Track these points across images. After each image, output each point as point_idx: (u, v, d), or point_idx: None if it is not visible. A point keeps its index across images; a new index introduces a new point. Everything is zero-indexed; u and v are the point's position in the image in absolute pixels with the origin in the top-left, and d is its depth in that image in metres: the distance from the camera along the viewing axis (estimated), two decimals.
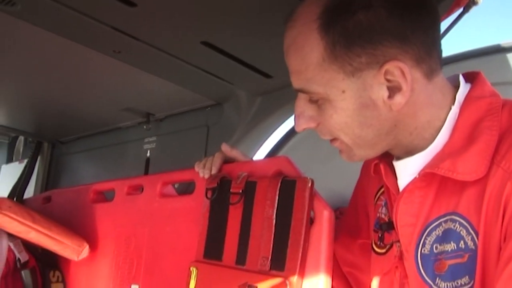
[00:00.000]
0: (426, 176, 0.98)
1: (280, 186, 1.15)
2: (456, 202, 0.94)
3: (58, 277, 1.79)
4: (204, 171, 1.36)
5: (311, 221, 1.11)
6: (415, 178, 1.00)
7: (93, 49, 1.59)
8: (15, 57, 1.73)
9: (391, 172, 1.11)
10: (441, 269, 0.95)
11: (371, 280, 1.23)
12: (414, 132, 1.01)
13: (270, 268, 1.11)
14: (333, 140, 1.06)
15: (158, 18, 1.37)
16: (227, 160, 1.39)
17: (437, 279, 0.96)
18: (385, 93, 0.96)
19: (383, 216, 1.19)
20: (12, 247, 1.65)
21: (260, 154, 2.12)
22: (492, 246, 0.88)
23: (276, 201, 1.15)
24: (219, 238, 1.26)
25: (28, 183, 2.89)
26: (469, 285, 0.91)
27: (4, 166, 3.29)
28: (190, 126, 2.17)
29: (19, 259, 1.66)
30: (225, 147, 1.38)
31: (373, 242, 1.22)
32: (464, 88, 1.02)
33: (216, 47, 1.52)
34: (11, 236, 1.64)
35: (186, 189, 1.71)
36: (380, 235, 1.17)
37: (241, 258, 1.19)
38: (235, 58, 1.59)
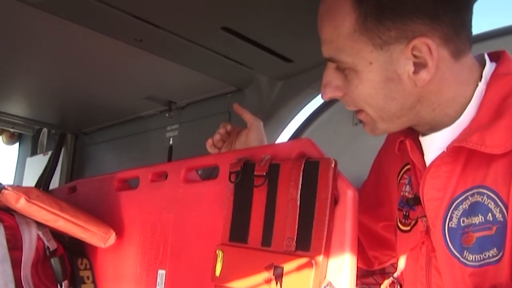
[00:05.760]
0: (454, 150, 0.99)
1: (304, 167, 1.15)
2: (483, 175, 0.95)
3: (86, 264, 1.81)
4: (214, 136, 1.48)
5: (335, 201, 1.11)
6: (443, 152, 1.00)
7: (115, 38, 1.60)
8: (37, 49, 1.75)
9: (417, 148, 1.12)
10: (469, 242, 0.96)
11: (397, 258, 1.23)
12: (437, 108, 1.02)
13: (296, 249, 1.11)
14: (358, 112, 1.09)
15: (179, 5, 1.38)
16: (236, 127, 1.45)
17: (465, 251, 0.96)
18: (410, 68, 0.98)
19: (407, 194, 1.20)
20: (41, 235, 1.67)
21: (283, 138, 2.12)
22: None
23: (300, 182, 1.15)
24: (244, 220, 1.26)
25: (53, 175, 2.94)
26: (498, 257, 0.91)
27: (29, 159, 3.33)
28: (212, 113, 2.18)
29: (48, 247, 1.68)
30: (236, 107, 1.49)
31: (397, 220, 1.23)
32: (490, 66, 1.03)
33: (236, 33, 1.53)
34: (39, 225, 1.66)
35: (209, 175, 1.72)
36: (405, 212, 1.18)
37: (266, 239, 1.19)
38: (256, 43, 1.59)
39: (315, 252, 1.08)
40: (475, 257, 0.95)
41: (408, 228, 1.18)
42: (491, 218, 0.93)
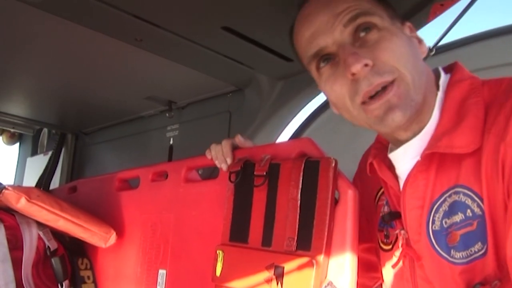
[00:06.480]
0: (426, 158, 1.02)
1: (304, 167, 1.16)
2: (456, 175, 0.99)
3: (86, 264, 1.82)
4: (221, 164, 1.39)
5: (335, 201, 1.12)
6: (418, 161, 1.04)
7: (115, 38, 1.60)
8: (37, 49, 1.75)
9: (385, 166, 1.15)
10: (454, 241, 0.99)
11: (383, 277, 1.26)
12: (426, 96, 1.05)
13: (297, 248, 1.12)
14: (390, 84, 1.01)
15: (179, 5, 1.38)
16: (235, 146, 1.41)
17: (452, 251, 0.99)
18: (415, 39, 1.10)
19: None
20: (42, 235, 1.67)
21: (283, 138, 2.12)
22: (498, 207, 0.92)
23: (301, 181, 1.15)
24: (244, 220, 1.26)
25: (53, 175, 2.94)
26: (483, 251, 0.94)
27: (29, 159, 3.34)
28: (212, 113, 2.18)
29: (48, 247, 1.68)
30: (239, 139, 1.40)
31: (379, 241, 1.26)
32: (445, 77, 1.10)
33: (236, 32, 1.52)
34: (40, 225, 1.67)
35: (210, 175, 1.72)
36: (385, 232, 1.22)
37: (267, 239, 1.19)
38: (256, 42, 1.59)
39: (316, 252, 1.08)
40: (462, 255, 0.97)
41: (390, 246, 1.20)
42: (470, 214, 0.96)
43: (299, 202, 1.14)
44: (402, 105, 1.00)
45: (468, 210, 0.96)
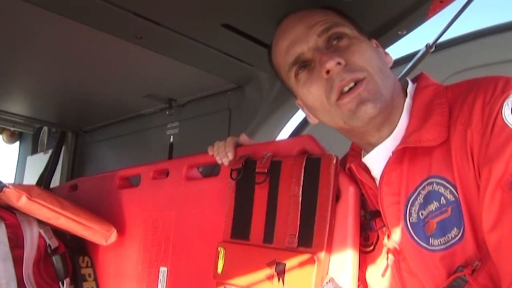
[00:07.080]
0: (398, 154, 1.08)
1: (305, 164, 1.16)
2: (427, 168, 1.06)
3: (87, 262, 1.82)
4: (221, 159, 1.42)
5: (337, 198, 1.12)
6: (390, 158, 1.10)
7: (115, 35, 1.60)
8: (37, 47, 1.75)
9: (362, 168, 1.19)
10: (431, 229, 1.04)
11: (365, 279, 1.26)
12: (395, 97, 1.13)
13: (298, 245, 1.12)
14: (358, 83, 1.08)
15: (179, 2, 1.38)
16: (239, 144, 1.43)
17: (430, 239, 1.04)
18: (382, 51, 1.20)
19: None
20: (43, 233, 1.67)
21: (283, 135, 2.12)
22: (472, 190, 0.98)
23: (302, 179, 1.16)
24: (245, 217, 1.27)
25: (54, 173, 2.93)
26: (459, 235, 1.00)
27: (29, 158, 3.33)
28: (212, 110, 2.18)
29: (49, 245, 1.68)
30: (243, 138, 1.45)
31: (359, 245, 1.26)
32: (412, 85, 1.19)
33: (236, 29, 1.52)
34: (41, 223, 1.67)
35: (210, 172, 1.73)
36: (365, 235, 1.23)
37: (268, 236, 1.20)
38: (256, 39, 1.59)
39: (317, 249, 1.09)
40: (440, 241, 1.03)
41: (372, 247, 1.22)
42: (444, 201, 1.02)
43: (300, 199, 1.15)
44: (372, 98, 1.07)
45: (442, 198, 1.02)
